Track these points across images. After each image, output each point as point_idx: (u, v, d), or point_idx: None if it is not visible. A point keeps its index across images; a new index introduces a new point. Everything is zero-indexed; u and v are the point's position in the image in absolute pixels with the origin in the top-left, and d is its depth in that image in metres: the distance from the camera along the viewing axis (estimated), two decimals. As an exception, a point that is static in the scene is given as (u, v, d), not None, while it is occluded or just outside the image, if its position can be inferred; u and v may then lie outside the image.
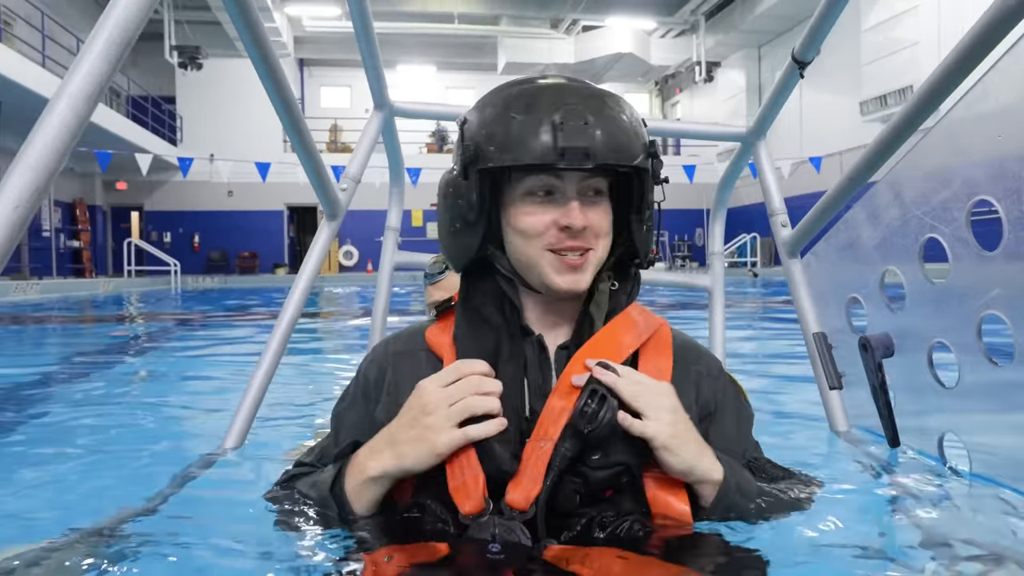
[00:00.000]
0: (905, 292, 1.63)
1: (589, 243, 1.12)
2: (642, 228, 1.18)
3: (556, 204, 1.11)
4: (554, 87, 1.12)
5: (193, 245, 24.45)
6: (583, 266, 1.13)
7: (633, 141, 1.09)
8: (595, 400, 1.04)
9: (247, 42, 1.44)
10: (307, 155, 1.85)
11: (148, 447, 2.45)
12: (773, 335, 6.60)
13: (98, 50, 0.92)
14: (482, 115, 1.13)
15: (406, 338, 1.31)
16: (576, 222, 1.09)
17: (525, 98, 1.11)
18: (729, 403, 1.27)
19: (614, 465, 1.05)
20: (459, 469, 1.07)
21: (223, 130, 23.42)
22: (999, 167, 1.29)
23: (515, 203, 1.14)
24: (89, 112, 0.92)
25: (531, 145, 1.06)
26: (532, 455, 1.06)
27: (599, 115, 1.07)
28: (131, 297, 15.16)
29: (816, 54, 1.80)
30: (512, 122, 1.08)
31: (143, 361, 5.52)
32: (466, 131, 1.14)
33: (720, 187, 2.57)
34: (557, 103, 1.07)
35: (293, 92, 1.70)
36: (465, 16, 22.16)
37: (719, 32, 22.49)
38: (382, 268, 2.62)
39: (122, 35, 0.94)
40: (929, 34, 15.47)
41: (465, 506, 1.06)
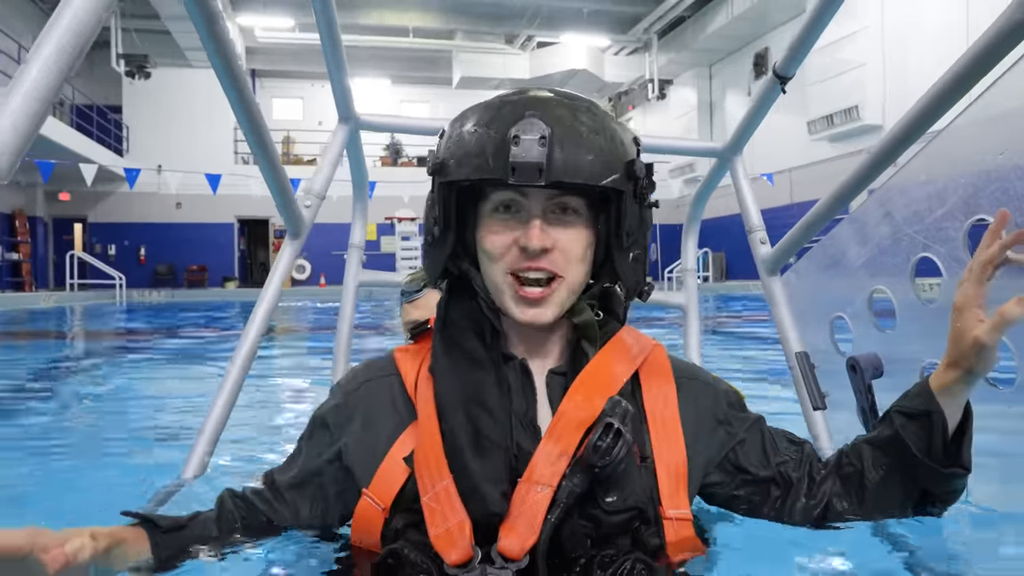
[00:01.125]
0: (896, 311, 1.60)
1: (555, 267, 1.04)
2: (626, 257, 1.08)
3: (520, 222, 1.04)
4: (525, 99, 1.05)
5: (139, 258, 23.82)
6: (545, 299, 1.04)
7: (602, 159, 1.01)
8: (609, 435, 0.96)
9: (211, 52, 1.34)
10: (271, 171, 1.76)
11: (102, 477, 2.31)
12: (740, 352, 6.64)
13: (44, 59, 0.82)
14: (452, 128, 1.08)
15: (371, 367, 1.22)
16: (532, 242, 1.01)
17: (492, 110, 1.05)
18: (737, 423, 1.20)
19: (631, 508, 0.99)
20: (441, 515, 0.99)
21: (172, 141, 22.95)
22: (1000, 185, 1.26)
23: (484, 220, 1.07)
24: (36, 127, 0.82)
25: (484, 159, 1.00)
26: (527, 499, 0.98)
27: (562, 128, 0.99)
28: (74, 311, 14.64)
29: (796, 69, 1.78)
30: (472, 135, 1.03)
31: (89, 382, 5.29)
32: (441, 139, 1.09)
33: (694, 203, 2.54)
34: (518, 115, 1.00)
35: (258, 105, 1.60)
36: (420, 30, 22.12)
37: (671, 51, 22.86)
38: (346, 287, 2.52)
39: (73, 41, 0.84)
40: (874, 56, 15.95)
41: (451, 555, 0.97)
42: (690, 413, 1.15)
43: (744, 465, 1.17)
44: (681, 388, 1.16)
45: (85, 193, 21.45)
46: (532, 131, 0.97)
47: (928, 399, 1.10)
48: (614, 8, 20.86)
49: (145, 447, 2.94)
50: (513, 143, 0.97)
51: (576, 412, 1.02)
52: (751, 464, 1.17)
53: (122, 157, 22.44)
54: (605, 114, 1.08)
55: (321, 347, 7.15)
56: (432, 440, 1.03)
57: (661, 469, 1.08)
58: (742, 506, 1.19)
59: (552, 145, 0.97)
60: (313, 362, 6.26)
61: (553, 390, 1.09)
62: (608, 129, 1.04)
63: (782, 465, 1.18)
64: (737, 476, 1.17)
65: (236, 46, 21.64)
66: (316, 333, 9.38)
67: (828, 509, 1.15)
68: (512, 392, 1.07)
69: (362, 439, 1.11)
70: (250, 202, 21.91)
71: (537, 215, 1.03)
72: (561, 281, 1.04)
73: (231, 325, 10.97)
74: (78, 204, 22.92)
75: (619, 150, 1.03)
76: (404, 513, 1.04)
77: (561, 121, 1.00)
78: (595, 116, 1.05)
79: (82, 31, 0.85)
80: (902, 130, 1.35)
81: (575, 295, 1.08)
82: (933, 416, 1.08)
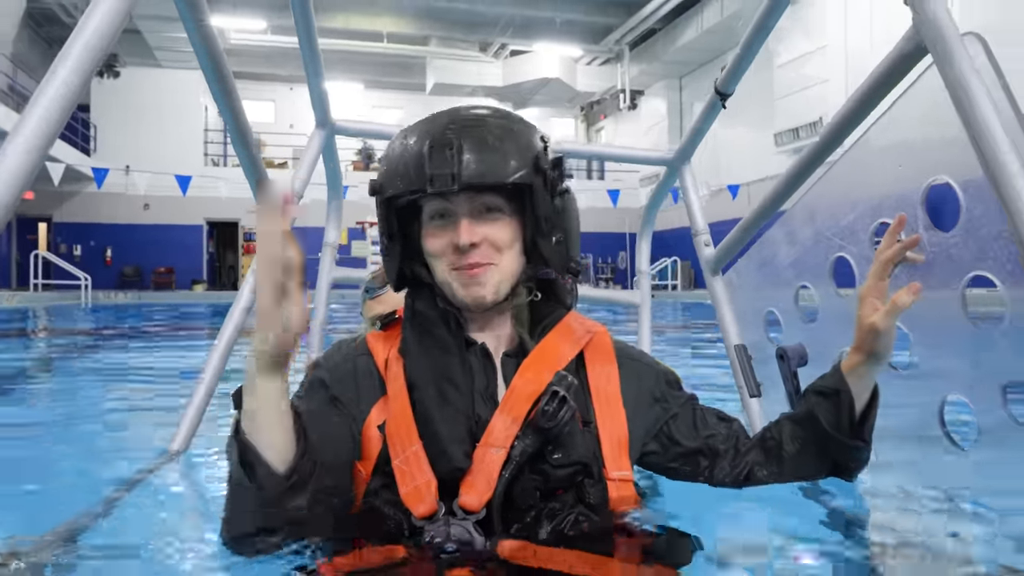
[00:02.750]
0: (817, 305, 1.78)
1: (488, 258, 1.18)
2: (548, 241, 1.21)
3: (451, 225, 1.18)
4: (439, 118, 1.20)
5: (105, 259, 23.51)
6: (481, 276, 1.19)
7: (506, 160, 1.14)
8: (555, 401, 1.13)
9: (199, 50, 1.47)
10: (253, 169, 1.89)
11: (84, 457, 2.40)
12: (694, 354, 6.84)
13: (66, 71, 0.96)
14: (388, 148, 1.23)
15: (343, 346, 1.36)
16: (461, 239, 1.16)
17: (416, 129, 1.20)
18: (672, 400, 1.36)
19: (574, 463, 1.15)
20: (410, 475, 1.13)
21: (141, 141, 22.71)
22: (899, 193, 1.44)
23: (425, 228, 1.22)
24: (56, 130, 0.96)
25: (406, 174, 1.15)
26: (484, 459, 1.13)
27: (469, 139, 1.13)
28: (38, 312, 14.47)
29: (735, 87, 1.96)
30: (395, 155, 1.18)
31: (60, 377, 5.32)
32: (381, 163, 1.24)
33: (647, 208, 2.71)
34: (433, 132, 1.15)
35: (242, 105, 1.74)
36: (394, 35, 22.21)
37: (643, 62, 23.21)
38: (320, 284, 2.66)
39: (89, 57, 0.99)
40: (837, 72, 16.37)
41: (419, 508, 1.12)
42: (631, 390, 1.30)
43: (676, 437, 1.33)
44: (623, 367, 1.32)
45: (51, 192, 21.17)
46: (443, 145, 1.12)
47: (839, 379, 1.27)
48: (586, 19, 21.15)
49: (130, 427, 3.03)
50: (428, 157, 1.12)
51: (526, 386, 1.18)
52: (682, 436, 1.33)
53: (89, 157, 22.19)
54: (516, 119, 1.22)
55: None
56: (403, 411, 1.18)
57: (604, 437, 1.24)
58: (675, 474, 1.35)
59: (461, 153, 1.12)
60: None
61: (507, 369, 1.24)
62: (514, 132, 1.18)
63: (710, 438, 1.34)
64: (670, 447, 1.33)
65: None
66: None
67: (750, 475, 1.32)
68: (474, 371, 1.22)
69: (349, 406, 1.25)
70: (219, 204, 21.81)
71: (464, 215, 1.17)
72: (494, 268, 1.20)
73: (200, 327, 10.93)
74: (43, 203, 22.56)
75: (524, 148, 1.17)
76: (378, 476, 1.19)
77: (469, 131, 1.15)
78: (502, 122, 1.19)
79: (101, 45, 0.99)
80: (819, 144, 1.53)
81: (511, 279, 1.22)
82: (841, 395, 1.26)
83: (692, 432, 1.34)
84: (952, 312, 1.34)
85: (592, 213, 20.89)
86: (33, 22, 21.04)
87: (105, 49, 1.00)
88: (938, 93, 1.18)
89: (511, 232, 1.20)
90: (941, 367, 1.42)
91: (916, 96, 1.40)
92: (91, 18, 1.00)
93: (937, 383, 1.42)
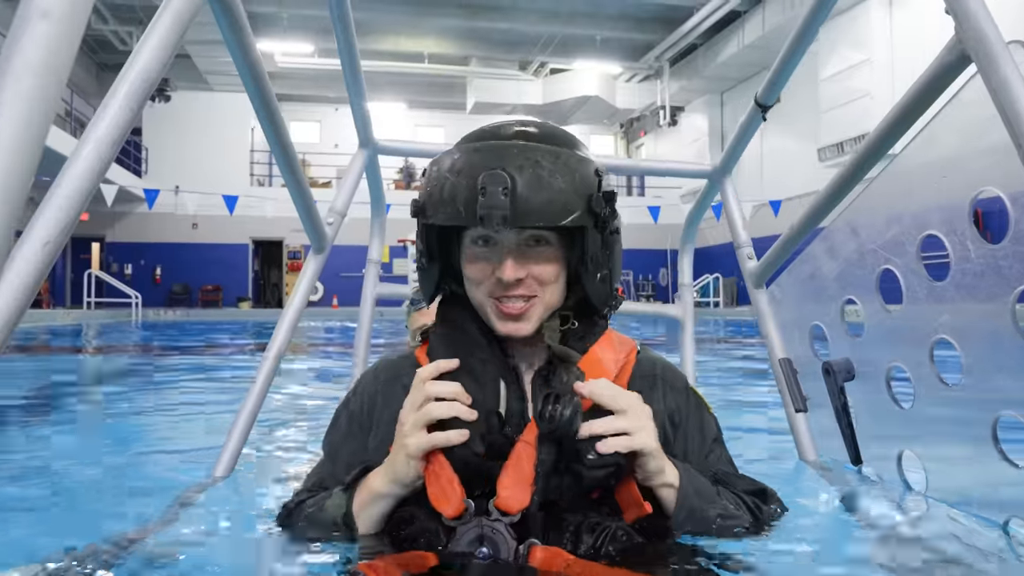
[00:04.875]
0: (864, 320, 1.75)
1: (531, 291, 1.18)
2: (593, 278, 1.20)
3: (495, 254, 1.17)
4: (490, 148, 1.16)
5: (155, 277, 24.15)
6: (525, 314, 1.18)
7: (562, 200, 1.11)
8: (551, 402, 1.09)
9: (244, 74, 1.51)
10: (297, 188, 1.93)
11: (131, 478, 2.45)
12: (739, 371, 6.75)
13: (121, 98, 1.00)
14: (433, 169, 1.20)
15: (391, 367, 1.37)
16: (506, 276, 1.15)
17: (465, 157, 1.15)
18: (692, 416, 1.34)
19: (609, 464, 1.10)
20: (434, 476, 1.13)
21: (189, 163, 23.36)
22: (945, 205, 1.42)
23: (465, 249, 1.21)
24: (112, 155, 0.99)
25: (456, 207, 1.12)
26: (521, 459, 1.12)
27: (523, 177, 1.10)
28: (92, 329, 14.88)
29: (777, 99, 1.94)
30: (446, 183, 1.14)
31: (114, 394, 5.46)
32: (424, 179, 1.22)
33: (688, 222, 2.70)
34: (485, 165, 1.11)
35: (286, 125, 1.78)
36: (435, 56, 22.50)
37: (683, 78, 23.12)
38: (364, 300, 2.69)
39: (143, 85, 1.03)
40: (882, 85, 16.10)
41: (447, 509, 1.12)
42: (648, 397, 1.27)
43: (675, 451, 1.28)
44: (644, 377, 1.31)
45: (104, 213, 21.84)
46: (496, 182, 1.09)
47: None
48: (626, 36, 21.16)
49: (175, 449, 3.09)
50: (480, 194, 1.09)
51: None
52: (677, 452, 1.28)
53: (140, 178, 22.85)
54: (569, 153, 1.17)
55: (336, 357, 7.34)
56: None
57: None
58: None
59: (514, 193, 1.09)
60: (333, 369, 6.45)
61: (535, 387, 1.22)
62: (569, 168, 1.14)
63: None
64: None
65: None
66: (331, 349, 9.54)
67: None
68: (504, 379, 1.20)
69: (384, 435, 1.26)
70: (264, 223, 22.29)
71: (510, 249, 1.16)
72: (538, 300, 1.19)
73: (246, 342, 11.13)
74: (96, 224, 23.31)
75: (579, 187, 1.13)
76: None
77: (523, 169, 1.11)
78: (557, 158, 1.14)
79: (149, 75, 1.03)
80: (861, 156, 1.52)
81: (551, 310, 1.22)
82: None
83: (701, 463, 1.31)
84: (1002, 327, 1.31)
85: (632, 229, 20.82)
86: (88, 49, 21.80)
87: (156, 79, 1.04)
88: (982, 103, 1.16)
89: (556, 267, 1.20)
90: (992, 383, 1.38)
91: (959, 107, 1.38)
92: (142, 50, 1.04)
93: (989, 400, 1.38)
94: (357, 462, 1.27)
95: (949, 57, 1.21)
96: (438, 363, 1.17)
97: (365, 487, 1.19)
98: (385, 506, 1.18)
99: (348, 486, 1.21)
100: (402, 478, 1.14)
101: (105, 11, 19.06)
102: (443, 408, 1.12)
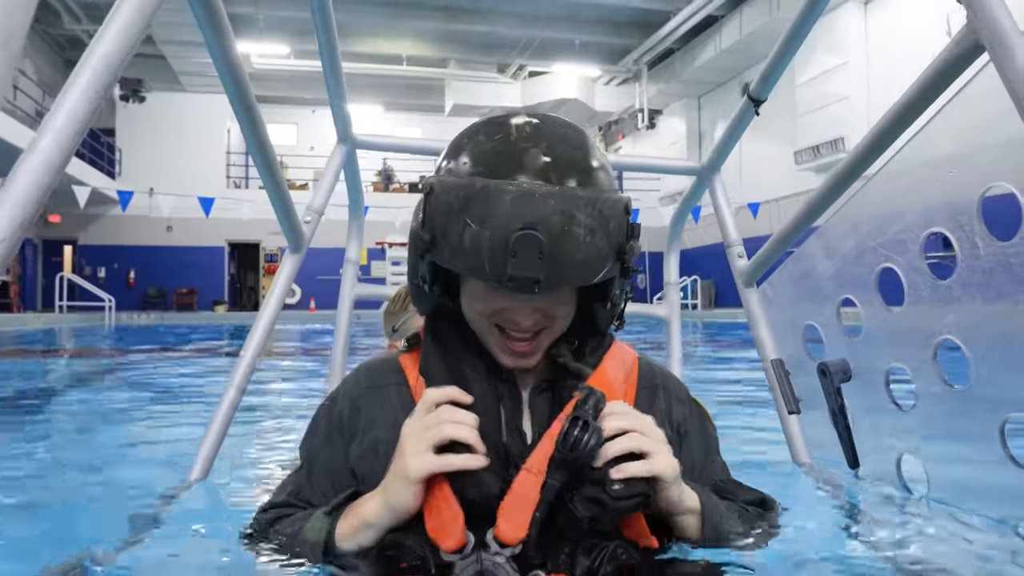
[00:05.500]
0: (862, 319, 1.71)
1: (540, 325, 1.10)
2: (604, 309, 1.15)
3: (508, 296, 1.06)
4: (525, 197, 0.98)
5: (128, 281, 23.79)
6: (531, 351, 1.12)
7: (597, 259, 1.01)
8: (577, 427, 1.00)
9: (224, 75, 1.44)
10: (274, 186, 1.85)
11: (106, 482, 2.36)
12: (723, 377, 6.73)
13: (82, 85, 0.93)
14: (443, 195, 1.02)
15: (374, 371, 1.28)
16: (522, 324, 1.08)
17: (489, 200, 0.99)
18: (694, 427, 1.29)
19: (636, 495, 1.02)
20: (436, 511, 1.05)
21: (164, 164, 23.06)
22: (952, 201, 1.37)
23: (470, 282, 1.11)
24: (72, 147, 0.92)
25: (481, 263, 1.00)
26: (522, 487, 1.05)
27: (560, 239, 0.98)
28: (64, 332, 14.60)
29: (769, 93, 1.90)
30: (467, 230, 0.99)
31: (86, 397, 5.32)
32: (429, 204, 1.04)
33: (674, 221, 2.65)
34: (517, 221, 0.97)
35: (263, 122, 1.70)
36: (414, 58, 22.39)
37: (661, 81, 23.20)
38: (342, 301, 2.61)
39: (106, 71, 0.95)
40: (858, 89, 16.29)
41: (447, 543, 1.04)
42: (654, 409, 1.22)
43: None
44: (648, 388, 1.25)
45: (76, 216, 21.50)
46: (530, 245, 0.97)
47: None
48: (604, 40, 21.20)
49: (149, 453, 3.00)
50: (511, 255, 0.97)
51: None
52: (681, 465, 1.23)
53: (114, 180, 22.51)
54: (604, 197, 1.03)
55: (313, 362, 7.23)
56: None
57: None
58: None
59: (550, 258, 0.98)
60: (308, 371, 6.34)
61: (536, 403, 1.16)
62: (603, 222, 1.02)
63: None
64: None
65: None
66: (309, 352, 9.42)
67: None
68: (500, 399, 1.14)
69: (369, 444, 1.18)
70: (241, 226, 22.02)
71: (531, 299, 1.06)
72: (546, 332, 1.12)
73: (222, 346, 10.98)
74: (68, 226, 22.93)
75: (612, 242, 1.03)
76: None
77: (558, 230, 0.98)
78: (593, 206, 1.01)
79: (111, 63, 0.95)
80: (863, 149, 1.47)
81: (555, 337, 1.14)
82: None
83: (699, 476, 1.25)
84: (1013, 326, 1.27)
85: (612, 232, 20.57)
86: (58, 47, 21.45)
87: (119, 66, 0.96)
88: (991, 97, 1.12)
89: (570, 305, 1.12)
90: (1001, 385, 1.33)
91: (965, 102, 1.34)
92: (104, 36, 0.96)
93: (997, 401, 1.33)
94: (336, 470, 1.20)
95: (960, 47, 1.16)
96: (450, 392, 1.08)
97: (353, 513, 1.10)
98: (373, 536, 1.08)
99: (332, 509, 1.13)
100: (395, 504, 1.05)
101: (77, 9, 18.78)
102: (459, 431, 1.03)
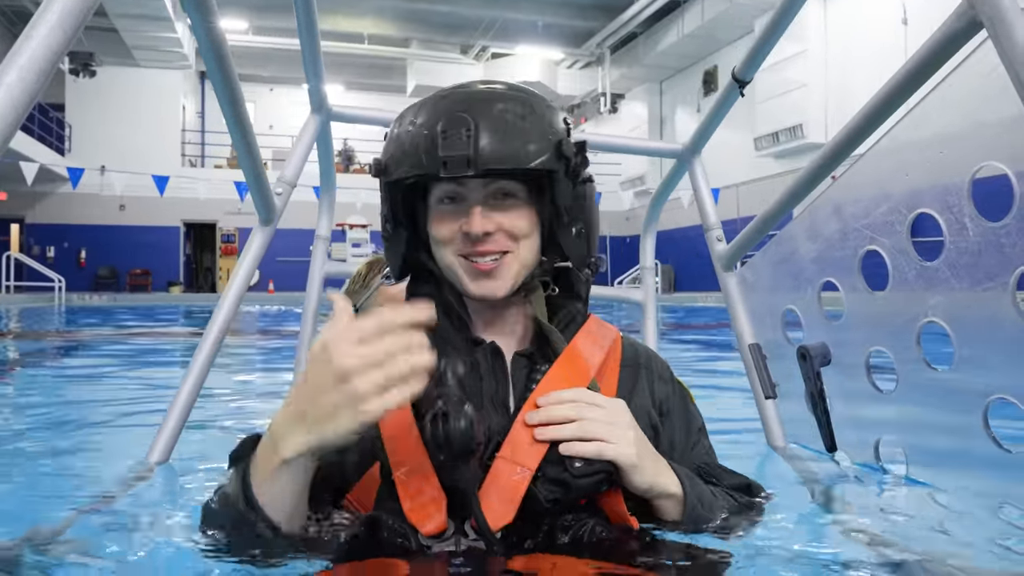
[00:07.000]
0: (844, 303, 1.70)
1: (502, 246, 1.09)
2: (568, 231, 1.13)
3: (462, 211, 1.09)
4: (454, 95, 1.10)
5: (79, 261, 23.13)
6: (496, 271, 1.09)
7: (528, 144, 1.04)
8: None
9: (206, 51, 1.38)
10: (249, 157, 1.78)
11: (63, 465, 2.27)
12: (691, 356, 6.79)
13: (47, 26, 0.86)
14: (392, 128, 1.13)
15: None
16: (474, 228, 1.06)
17: (423, 108, 1.10)
18: (676, 406, 1.27)
19: (597, 472, 1.02)
20: (415, 488, 1.02)
21: (116, 141, 22.37)
22: (941, 182, 1.37)
23: (432, 211, 1.13)
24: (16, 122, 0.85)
25: (416, 155, 1.05)
26: (503, 474, 1.01)
27: (486, 119, 1.04)
28: (12, 314, 14.15)
29: (754, 74, 1.88)
30: (405, 134, 1.08)
31: (35, 379, 5.15)
32: (386, 141, 1.14)
33: (652, 204, 2.63)
34: (446, 111, 1.05)
35: (241, 90, 1.63)
36: (375, 37, 22.07)
37: (623, 66, 23.24)
38: (311, 279, 2.55)
39: (53, 44, 0.88)
40: (816, 76, 16.52)
41: (426, 526, 1.01)
42: (638, 388, 1.21)
43: (660, 445, 1.20)
44: (631, 367, 1.23)
45: (24, 193, 20.81)
46: (458, 124, 1.02)
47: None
48: (568, 22, 21.14)
49: (108, 435, 2.90)
50: (442, 138, 1.02)
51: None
52: (663, 446, 1.20)
53: (64, 156, 21.81)
54: (536, 99, 1.11)
55: (277, 346, 7.12)
56: (403, 417, 1.04)
57: None
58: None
59: (478, 136, 1.02)
60: (274, 356, 6.23)
61: (518, 371, 1.13)
62: (535, 112, 1.08)
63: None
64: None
65: (186, 47, 21.01)
66: (270, 336, 9.27)
67: None
68: (482, 373, 1.11)
69: None
70: (197, 205, 21.53)
71: (477, 202, 1.08)
72: (511, 256, 1.10)
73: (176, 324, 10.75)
74: (15, 204, 22.15)
75: (547, 130, 1.07)
76: (385, 484, 1.07)
77: (486, 112, 1.04)
78: (523, 103, 1.08)
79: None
80: (853, 129, 1.45)
81: (526, 270, 1.12)
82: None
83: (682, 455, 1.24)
84: (1000, 308, 1.27)
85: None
86: (7, 20, 20.65)
87: (65, 41, 0.89)
88: (985, 77, 1.11)
89: (528, 221, 1.11)
90: (987, 366, 1.34)
91: (957, 83, 1.33)
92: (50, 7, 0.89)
93: (982, 384, 1.34)
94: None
95: (957, 24, 1.15)
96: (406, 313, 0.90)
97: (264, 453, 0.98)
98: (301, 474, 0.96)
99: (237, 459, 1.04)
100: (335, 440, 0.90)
101: (24, -21, 18.08)
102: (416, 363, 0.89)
